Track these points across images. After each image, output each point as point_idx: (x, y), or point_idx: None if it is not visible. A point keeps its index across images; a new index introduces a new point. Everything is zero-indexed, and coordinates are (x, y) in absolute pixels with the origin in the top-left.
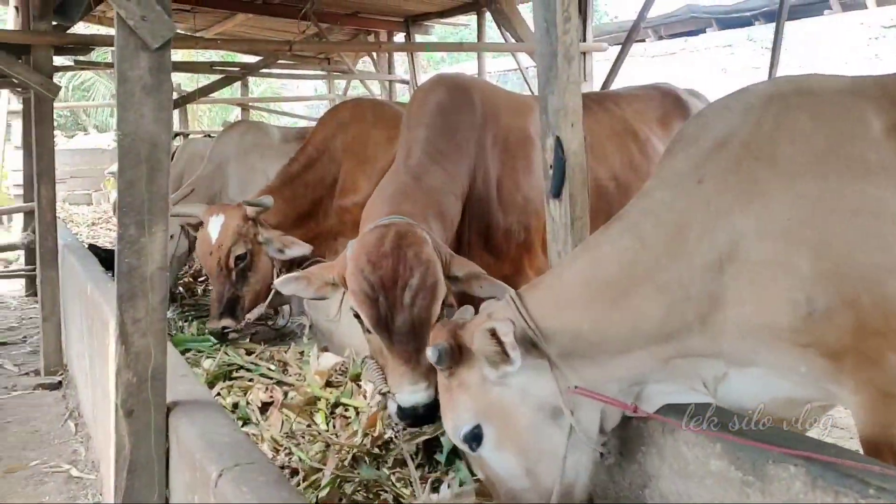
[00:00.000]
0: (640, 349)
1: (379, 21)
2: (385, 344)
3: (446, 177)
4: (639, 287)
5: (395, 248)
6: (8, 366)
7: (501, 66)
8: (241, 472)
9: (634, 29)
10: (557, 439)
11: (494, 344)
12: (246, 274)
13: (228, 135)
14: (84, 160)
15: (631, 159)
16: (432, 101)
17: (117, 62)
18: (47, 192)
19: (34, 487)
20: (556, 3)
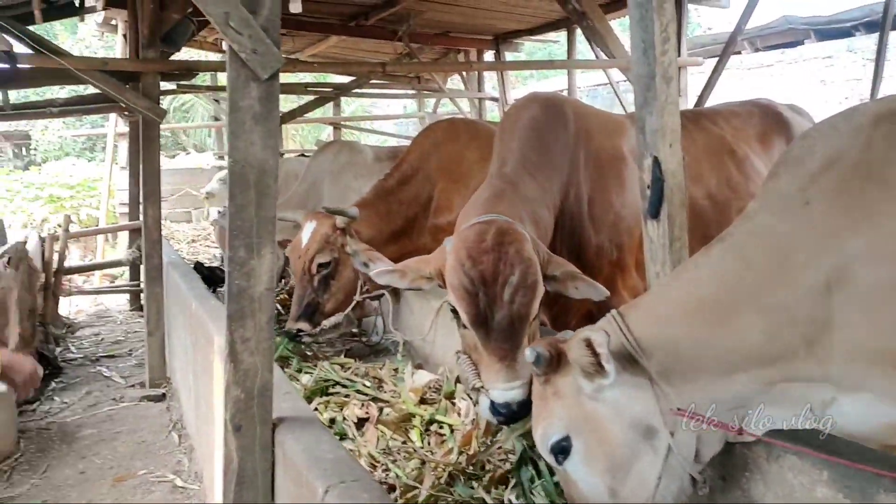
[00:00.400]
0: (742, 372)
1: (469, 39)
2: (481, 340)
3: (540, 189)
4: (741, 309)
5: (497, 245)
6: (116, 378)
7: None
8: (346, 489)
9: (731, 42)
10: (648, 459)
11: (589, 354)
12: (328, 281)
13: (323, 154)
14: (184, 179)
15: (728, 178)
16: (526, 116)
17: (229, 92)
18: (153, 211)
19: (142, 496)
20: (654, 24)
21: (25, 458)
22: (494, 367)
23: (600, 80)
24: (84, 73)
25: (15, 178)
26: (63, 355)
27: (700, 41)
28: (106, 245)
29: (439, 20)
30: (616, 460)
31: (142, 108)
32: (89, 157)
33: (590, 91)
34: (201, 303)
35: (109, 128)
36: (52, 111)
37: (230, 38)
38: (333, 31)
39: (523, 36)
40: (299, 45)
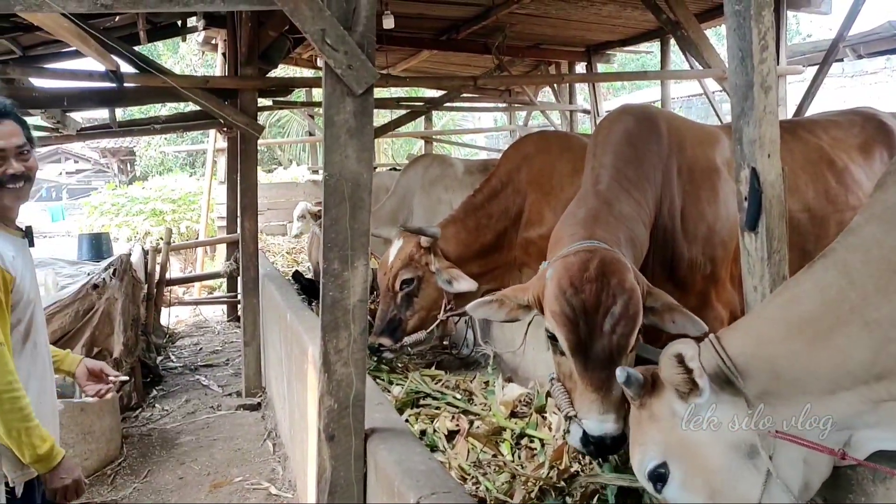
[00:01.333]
0: (845, 390)
1: (560, 51)
2: (578, 369)
3: (635, 205)
4: (844, 325)
5: (600, 274)
6: (213, 387)
7: (684, 91)
8: (438, 501)
9: (833, 49)
10: (753, 481)
11: (682, 371)
12: (411, 299)
13: (413, 168)
14: (280, 193)
15: (827, 189)
16: (619, 129)
17: (325, 108)
18: (250, 224)
19: (238, 502)
20: (751, 32)
21: (128, 462)
22: (590, 396)
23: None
24: (186, 91)
25: (120, 193)
26: (164, 364)
27: (800, 49)
28: (205, 257)
29: (530, 33)
30: (717, 485)
31: (240, 123)
32: (190, 172)
33: (684, 102)
34: (296, 314)
35: (209, 143)
36: (155, 128)
37: (326, 55)
38: (425, 45)
39: (615, 47)
40: (391, 60)
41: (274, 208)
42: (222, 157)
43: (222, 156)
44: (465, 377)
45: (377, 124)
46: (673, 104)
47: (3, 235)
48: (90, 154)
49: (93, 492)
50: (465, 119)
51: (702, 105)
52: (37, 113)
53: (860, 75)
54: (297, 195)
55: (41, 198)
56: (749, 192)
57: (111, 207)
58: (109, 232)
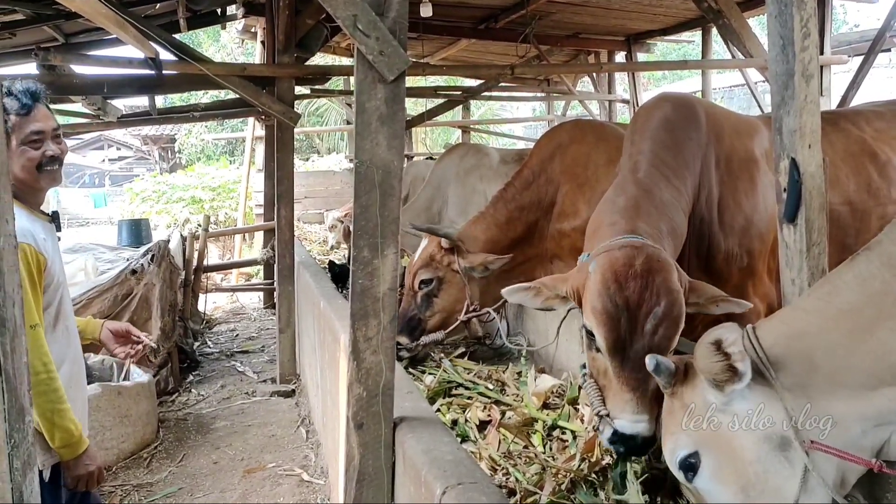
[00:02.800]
0: (887, 386)
1: (600, 41)
2: (614, 367)
3: (675, 192)
4: (887, 318)
5: (646, 272)
6: (249, 373)
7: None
8: (464, 491)
9: (879, 39)
10: (785, 474)
11: (721, 358)
12: (430, 299)
13: (449, 157)
14: (317, 181)
15: (868, 183)
16: (658, 116)
17: (356, 94)
18: (286, 212)
19: (270, 488)
20: (793, 19)
21: (164, 446)
22: (625, 396)
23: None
24: (223, 79)
25: (161, 181)
26: (201, 349)
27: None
28: (243, 245)
29: (569, 21)
30: (749, 477)
31: (277, 111)
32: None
33: (726, 93)
34: (329, 301)
35: (248, 131)
36: (194, 115)
37: (358, 41)
38: (463, 34)
39: (656, 36)
40: (429, 49)
41: (311, 196)
42: (260, 145)
43: (260, 144)
44: (498, 368)
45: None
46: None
47: (34, 219)
48: (132, 141)
49: (129, 474)
50: (503, 109)
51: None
52: (78, 99)
53: None
54: (334, 184)
55: (84, 184)
56: (788, 183)
57: (152, 194)
58: (149, 218)
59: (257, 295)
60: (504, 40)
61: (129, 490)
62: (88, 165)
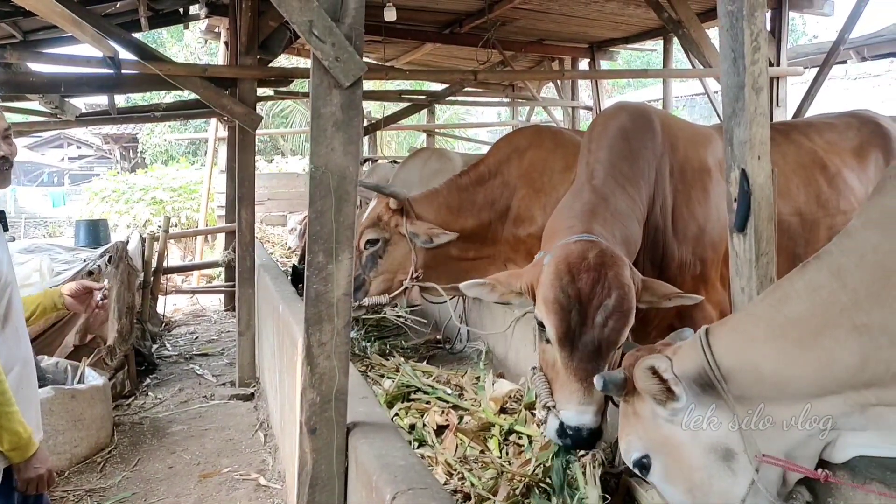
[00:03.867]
0: (832, 394)
1: (563, 47)
2: (562, 358)
3: (630, 201)
4: (833, 328)
5: (598, 266)
6: (207, 376)
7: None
8: (414, 496)
9: (833, 51)
10: (728, 482)
11: (657, 381)
12: (375, 259)
13: (412, 161)
14: (281, 183)
15: (818, 194)
16: (614, 125)
17: (312, 99)
18: (247, 214)
19: (226, 493)
20: (743, 33)
21: (118, 450)
22: (572, 386)
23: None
24: (184, 80)
25: (121, 180)
26: (159, 352)
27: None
28: (205, 246)
29: (533, 28)
30: (695, 482)
31: (238, 113)
32: (193, 160)
33: (687, 101)
34: (288, 305)
35: (210, 132)
36: (155, 115)
37: (314, 46)
38: (427, 38)
39: (619, 44)
40: (394, 53)
41: (274, 198)
42: (223, 145)
43: (223, 145)
44: (457, 372)
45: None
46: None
47: None
48: (93, 140)
49: (82, 479)
50: (468, 113)
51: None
52: (35, 98)
53: (864, 77)
54: (297, 186)
55: (42, 183)
56: (738, 194)
57: (112, 194)
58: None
59: (218, 297)
60: (468, 45)
61: (82, 495)
62: (47, 164)
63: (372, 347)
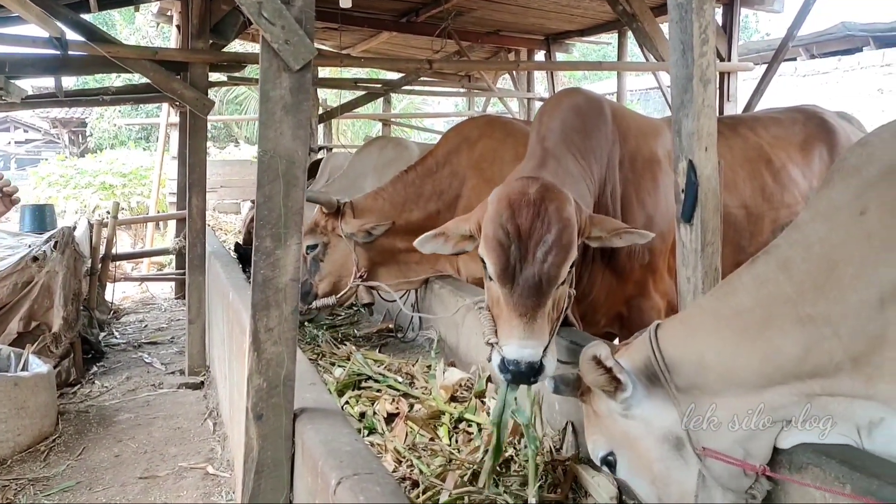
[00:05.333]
0: (778, 384)
1: (519, 39)
2: (504, 294)
3: (581, 169)
4: (778, 320)
5: (539, 200)
6: (156, 364)
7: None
8: (358, 482)
9: (782, 48)
10: (683, 472)
11: (603, 371)
12: (318, 264)
13: (368, 149)
14: (234, 171)
15: (763, 187)
16: (568, 103)
17: (261, 83)
18: (198, 201)
19: (173, 482)
20: (692, 25)
21: (63, 439)
22: (513, 322)
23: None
24: (133, 63)
25: (69, 165)
26: (107, 340)
27: (756, 46)
28: (156, 233)
29: (489, 18)
30: (655, 473)
31: (189, 98)
32: (145, 145)
33: (642, 95)
34: (238, 292)
35: (162, 117)
36: (104, 99)
37: (262, 28)
38: (384, 27)
39: (574, 37)
40: (351, 40)
41: (228, 186)
42: (175, 131)
43: (175, 130)
44: (408, 360)
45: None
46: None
47: None
48: (41, 124)
49: (24, 468)
50: (425, 103)
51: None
52: None
53: (813, 75)
54: (251, 173)
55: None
56: (686, 185)
57: (59, 179)
58: (55, 204)
59: (169, 285)
60: (425, 34)
61: (24, 484)
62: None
63: (323, 335)
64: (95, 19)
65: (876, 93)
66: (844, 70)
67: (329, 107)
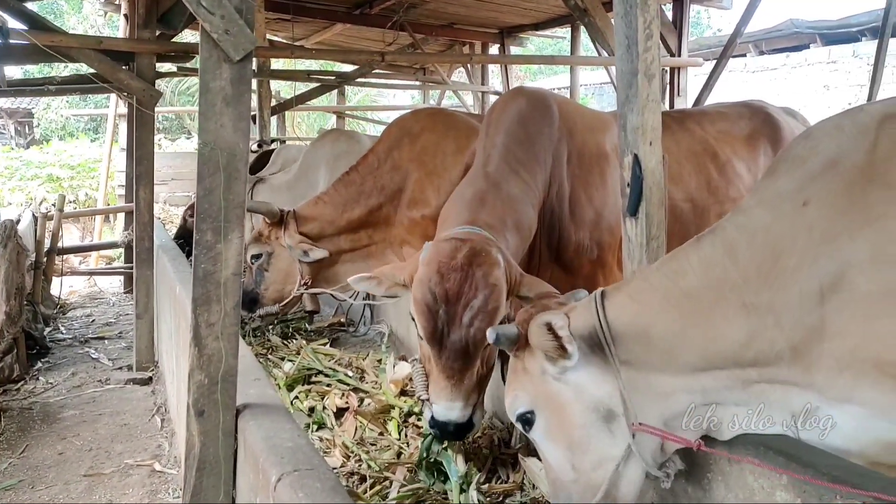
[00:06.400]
0: (717, 369)
1: (474, 32)
2: (433, 355)
3: (524, 186)
4: (722, 305)
5: (466, 265)
6: (103, 360)
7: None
8: (299, 478)
9: (730, 44)
10: (607, 442)
11: (551, 338)
12: (262, 273)
13: (321, 142)
14: (185, 163)
15: (709, 181)
16: (513, 109)
17: (200, 73)
18: (146, 194)
19: (119, 479)
20: (637, 20)
21: (5, 437)
22: (441, 383)
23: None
24: (78, 52)
25: (15, 156)
26: (52, 335)
27: (706, 42)
28: (105, 226)
29: (444, 11)
30: (575, 438)
31: (136, 89)
32: (94, 137)
33: (596, 89)
34: (185, 287)
35: (111, 108)
36: (49, 89)
37: (202, 18)
38: (337, 18)
39: (528, 31)
40: (304, 32)
41: (179, 178)
42: (124, 122)
43: (124, 121)
44: (359, 355)
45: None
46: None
47: None
48: None
49: None
50: (380, 95)
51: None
52: None
53: (762, 71)
54: None
55: None
56: (631, 179)
57: (3, 171)
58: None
59: (118, 279)
60: (379, 27)
61: None
62: None
63: (273, 330)
64: (42, 8)
65: (822, 89)
66: (792, 66)
67: (282, 99)
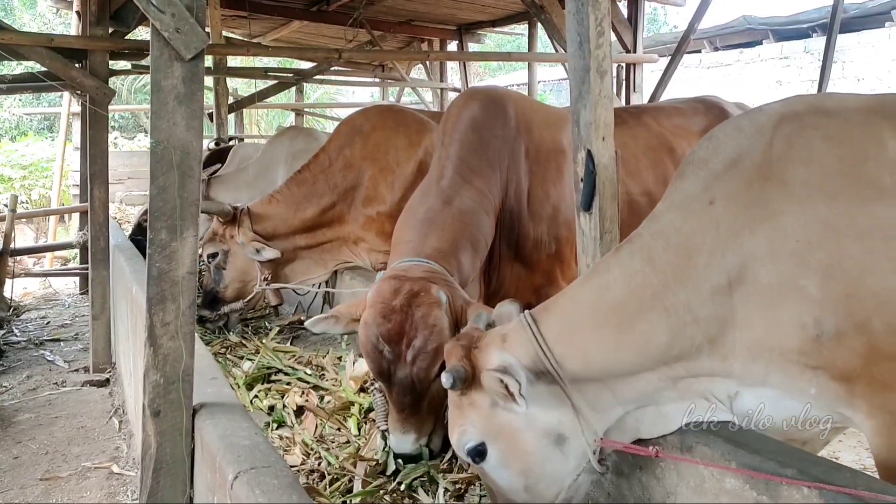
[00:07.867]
0: (647, 371)
1: (432, 29)
2: (386, 390)
3: (478, 196)
4: (647, 311)
5: (406, 306)
6: (59, 362)
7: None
8: (255, 475)
9: (684, 40)
10: (559, 463)
11: (504, 388)
12: (220, 271)
13: (279, 139)
14: (142, 162)
15: (665, 175)
16: (465, 116)
17: (152, 72)
18: (100, 193)
19: (76, 482)
20: (588, 17)
21: None
22: (395, 416)
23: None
24: (28, 50)
25: None
26: (6, 338)
27: (662, 39)
28: (59, 227)
29: (402, 8)
30: (529, 464)
31: (88, 87)
32: (49, 136)
33: (555, 85)
34: (141, 286)
35: (64, 107)
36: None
37: (152, 17)
38: (295, 15)
39: (486, 27)
40: (261, 29)
41: (135, 177)
42: (78, 121)
43: (78, 120)
44: (319, 352)
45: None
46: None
47: None
48: None
49: None
50: (339, 92)
51: None
52: None
53: (716, 67)
54: None
55: None
56: (584, 174)
57: None
58: None
59: (73, 280)
60: (337, 23)
61: None
62: None
63: (233, 331)
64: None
65: (775, 84)
66: (746, 62)
67: (240, 96)
